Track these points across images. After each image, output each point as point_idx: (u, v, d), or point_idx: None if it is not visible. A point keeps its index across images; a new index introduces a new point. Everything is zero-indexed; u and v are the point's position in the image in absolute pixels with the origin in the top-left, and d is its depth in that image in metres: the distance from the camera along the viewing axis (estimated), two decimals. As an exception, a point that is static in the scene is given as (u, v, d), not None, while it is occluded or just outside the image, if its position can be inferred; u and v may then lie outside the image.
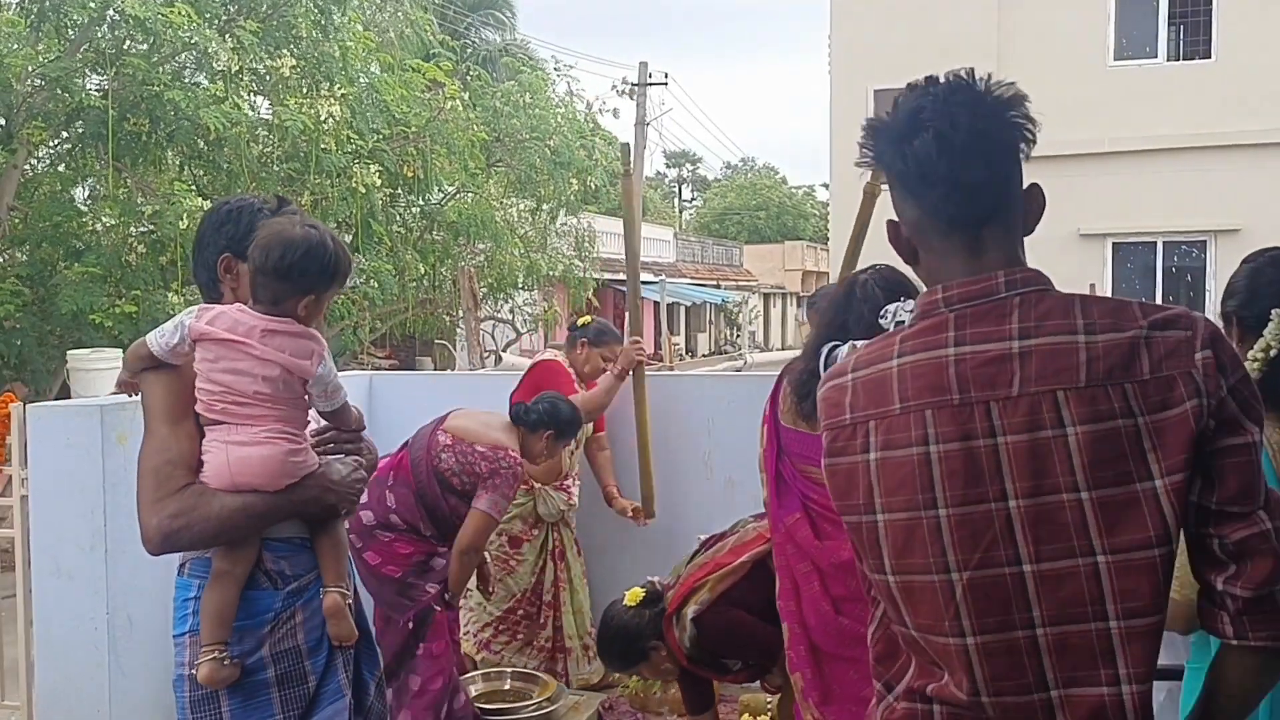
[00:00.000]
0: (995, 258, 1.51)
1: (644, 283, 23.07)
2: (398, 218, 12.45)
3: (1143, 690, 1.41)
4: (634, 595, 3.69)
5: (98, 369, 7.86)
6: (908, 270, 1.83)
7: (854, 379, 1.56)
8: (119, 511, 3.84)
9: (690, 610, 3.48)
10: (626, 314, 5.25)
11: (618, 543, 5.24)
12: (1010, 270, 1.49)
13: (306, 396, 2.25)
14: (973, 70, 1.53)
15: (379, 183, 10.46)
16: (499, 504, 3.89)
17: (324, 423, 2.42)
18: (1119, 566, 1.39)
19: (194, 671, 2.17)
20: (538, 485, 4.84)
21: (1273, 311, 2.05)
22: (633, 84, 25.82)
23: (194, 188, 9.74)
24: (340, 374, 2.38)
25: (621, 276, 23.27)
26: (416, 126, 11.44)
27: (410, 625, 3.97)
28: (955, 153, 1.47)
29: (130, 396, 2.36)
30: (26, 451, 4.00)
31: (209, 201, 9.13)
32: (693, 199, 65.14)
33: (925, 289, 1.59)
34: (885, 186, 1.58)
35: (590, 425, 5.02)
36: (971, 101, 1.50)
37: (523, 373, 5.12)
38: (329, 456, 2.33)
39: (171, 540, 2.14)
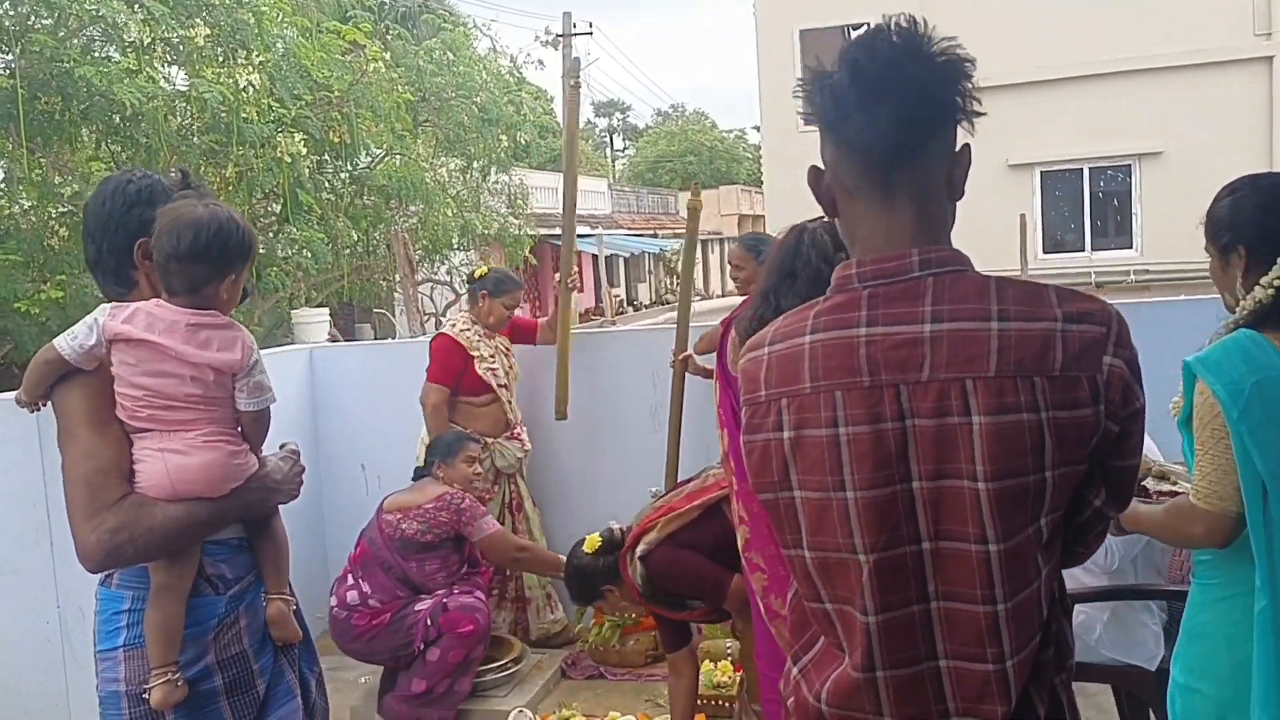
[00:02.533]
0: (907, 219, 1.48)
1: (580, 236, 22.96)
2: (326, 185, 12.22)
3: (1023, 659, 1.45)
4: (591, 542, 3.85)
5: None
6: None
7: (769, 353, 1.56)
8: (61, 504, 3.78)
9: (639, 549, 3.64)
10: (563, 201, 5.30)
11: (569, 493, 5.30)
12: (925, 249, 1.46)
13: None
14: (914, 17, 1.46)
15: (305, 151, 10.24)
16: (488, 521, 4.23)
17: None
18: (1009, 553, 1.42)
19: (132, 690, 2.08)
20: (490, 440, 4.88)
21: None
22: (557, 34, 25.46)
23: (113, 165, 9.46)
24: (280, 349, 2.32)
25: (559, 231, 23.15)
26: (339, 91, 11.19)
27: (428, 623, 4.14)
28: (868, 81, 1.44)
29: (34, 412, 2.17)
30: (-38, 449, 3.91)
31: (130, 179, 8.87)
32: (625, 148, 64.74)
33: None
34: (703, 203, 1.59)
35: (518, 369, 5.17)
36: (896, 39, 1.46)
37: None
38: (268, 455, 2.25)
39: (114, 556, 2.00)
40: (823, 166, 1.55)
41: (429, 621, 4.07)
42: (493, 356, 5.01)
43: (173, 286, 2.08)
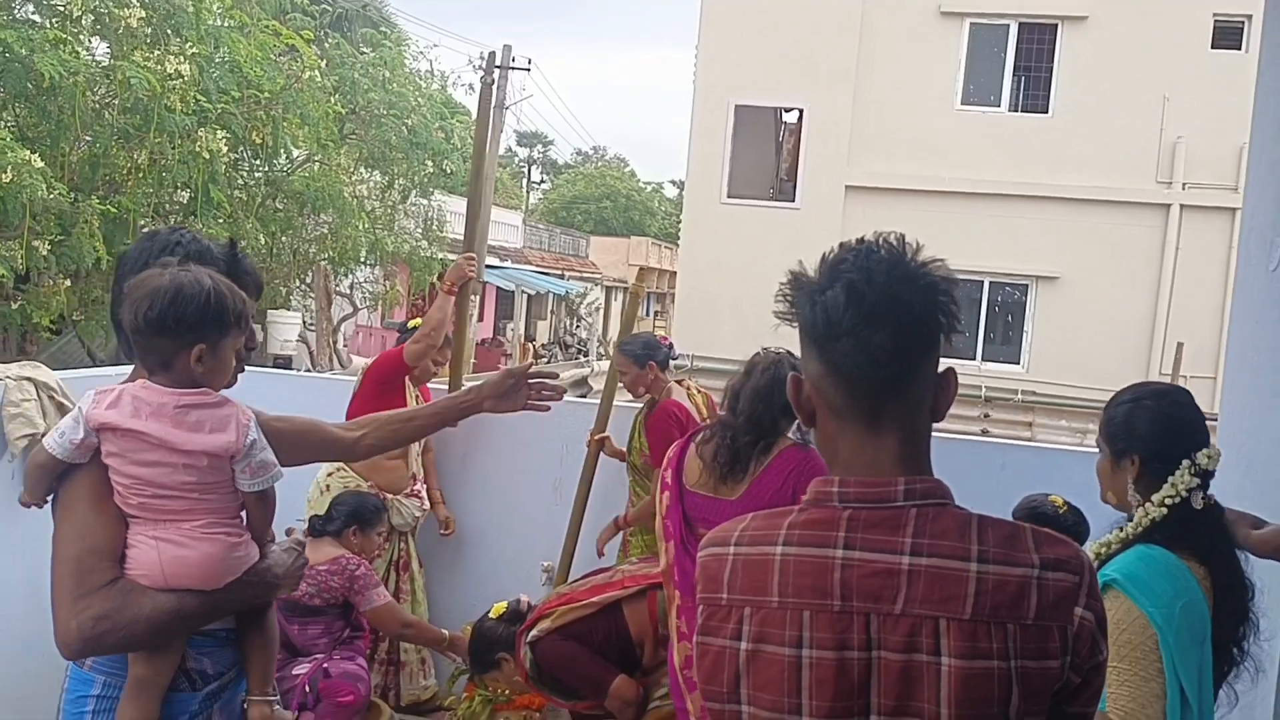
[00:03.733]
0: (892, 444, 1.46)
1: (489, 266, 22.80)
2: (240, 183, 11.92)
3: None
4: (498, 609, 3.90)
5: None
6: None
7: (734, 554, 1.50)
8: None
9: (532, 633, 3.63)
10: (464, 230, 5.24)
11: (459, 556, 5.18)
12: (911, 479, 1.45)
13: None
14: (903, 237, 1.47)
15: (224, 150, 9.96)
16: (379, 590, 4.08)
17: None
18: None
19: None
20: (389, 496, 4.73)
21: (1182, 461, 2.14)
22: (497, 66, 25.41)
23: (15, 132, 9.05)
24: None
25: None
26: (269, 92, 10.95)
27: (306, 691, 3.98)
28: (864, 306, 1.41)
29: (40, 508, 2.03)
30: None
31: (34, 154, 8.50)
32: (542, 180, 64.81)
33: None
34: (648, 289, 1.56)
35: None
36: (891, 262, 1.44)
37: (360, 374, 5.01)
38: (271, 547, 2.11)
39: (94, 645, 1.88)
40: (802, 375, 1.51)
41: (307, 688, 3.90)
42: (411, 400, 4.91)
43: (147, 364, 1.95)
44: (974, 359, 16.99)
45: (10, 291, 9.61)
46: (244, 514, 2.04)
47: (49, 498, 1.99)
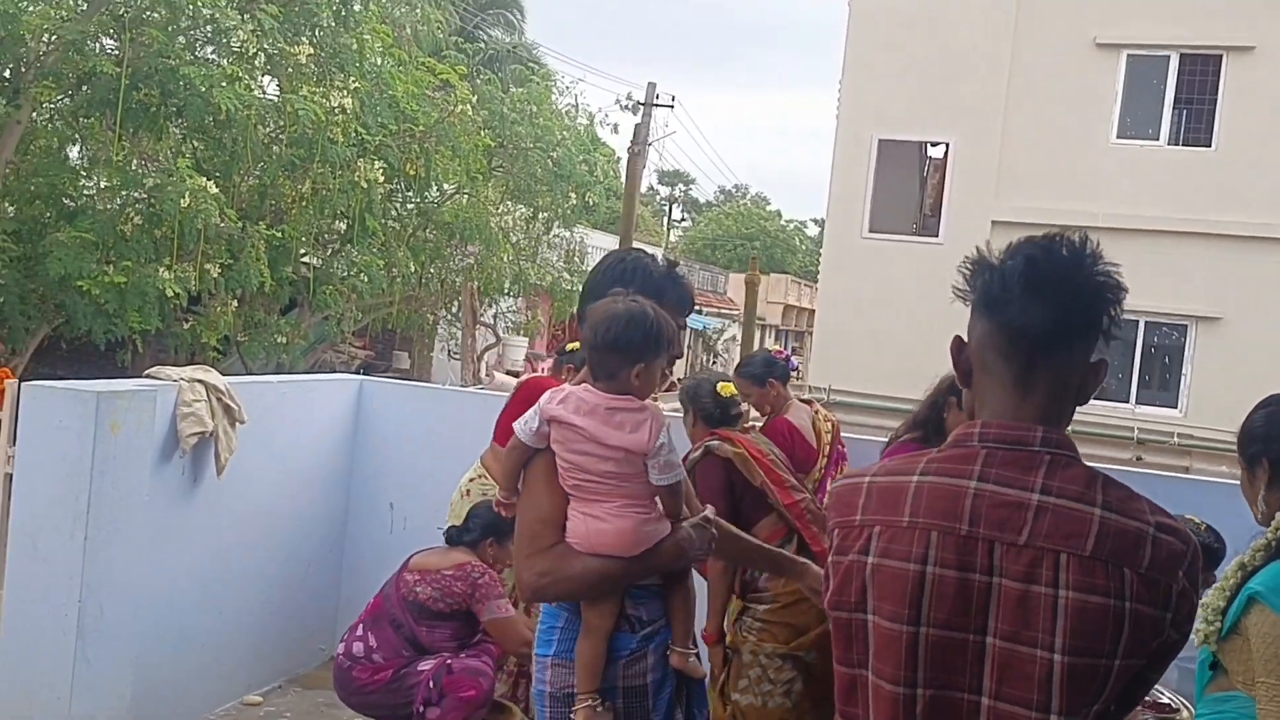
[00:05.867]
0: (1038, 402, 1.59)
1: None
2: (394, 213, 12.42)
3: None
4: (726, 388, 3.95)
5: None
6: None
7: (870, 482, 1.66)
8: (104, 500, 3.81)
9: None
10: None
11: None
12: (1050, 429, 1.58)
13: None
14: (1088, 237, 1.62)
15: (381, 179, 10.42)
16: (501, 603, 4.06)
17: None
18: None
19: (554, 692, 2.42)
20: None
21: None
22: (638, 101, 25.87)
23: (193, 163, 9.67)
24: (330, 375, 2.47)
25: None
26: (424, 125, 11.41)
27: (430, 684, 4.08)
28: (1040, 275, 1.58)
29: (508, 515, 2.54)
30: (16, 429, 3.96)
31: (210, 180, 9.08)
32: (682, 219, 65.26)
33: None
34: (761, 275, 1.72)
35: None
36: (1072, 252, 1.60)
37: (511, 391, 5.15)
38: (683, 524, 2.46)
39: (539, 594, 2.41)
40: (965, 339, 1.67)
41: (431, 683, 3.99)
42: None
43: (596, 373, 2.39)
44: (1128, 401, 16.33)
45: (182, 313, 10.23)
46: (658, 500, 2.43)
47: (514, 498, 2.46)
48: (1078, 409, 1.64)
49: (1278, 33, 15.61)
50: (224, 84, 8.98)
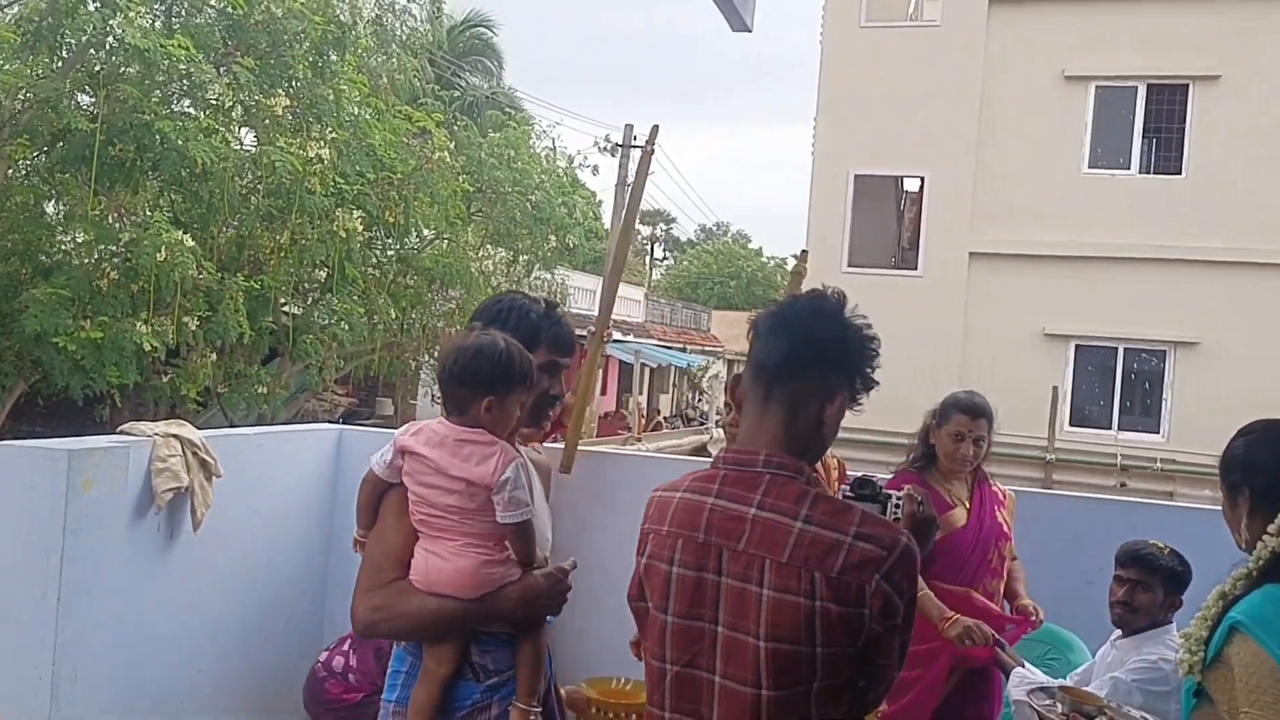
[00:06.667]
0: (772, 427, 1.93)
1: (614, 341, 23.10)
2: (374, 260, 12.43)
3: None
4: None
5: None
6: None
7: (657, 496, 2.04)
8: (77, 560, 3.75)
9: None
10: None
11: (579, 614, 5.20)
12: (773, 453, 1.91)
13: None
14: (844, 294, 1.99)
15: (360, 228, 10.44)
16: None
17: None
18: (776, 700, 1.82)
19: None
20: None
21: None
22: (616, 144, 26.03)
23: (170, 216, 9.67)
24: (309, 425, 2.46)
25: (592, 329, 23.25)
26: (402, 173, 11.46)
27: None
28: (779, 320, 1.97)
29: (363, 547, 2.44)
30: (-14, 489, 3.91)
31: (187, 233, 9.08)
32: (664, 258, 65.51)
33: None
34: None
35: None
36: (817, 302, 1.96)
37: None
38: (535, 572, 2.39)
39: (371, 629, 2.34)
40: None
41: None
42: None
43: (447, 407, 2.34)
44: (1110, 428, 16.38)
45: (161, 366, 10.18)
46: (509, 544, 2.37)
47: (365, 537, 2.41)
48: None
49: (1242, 62, 15.87)
50: (200, 137, 9.01)
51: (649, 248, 64.73)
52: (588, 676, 4.80)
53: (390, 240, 12.47)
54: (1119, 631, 3.35)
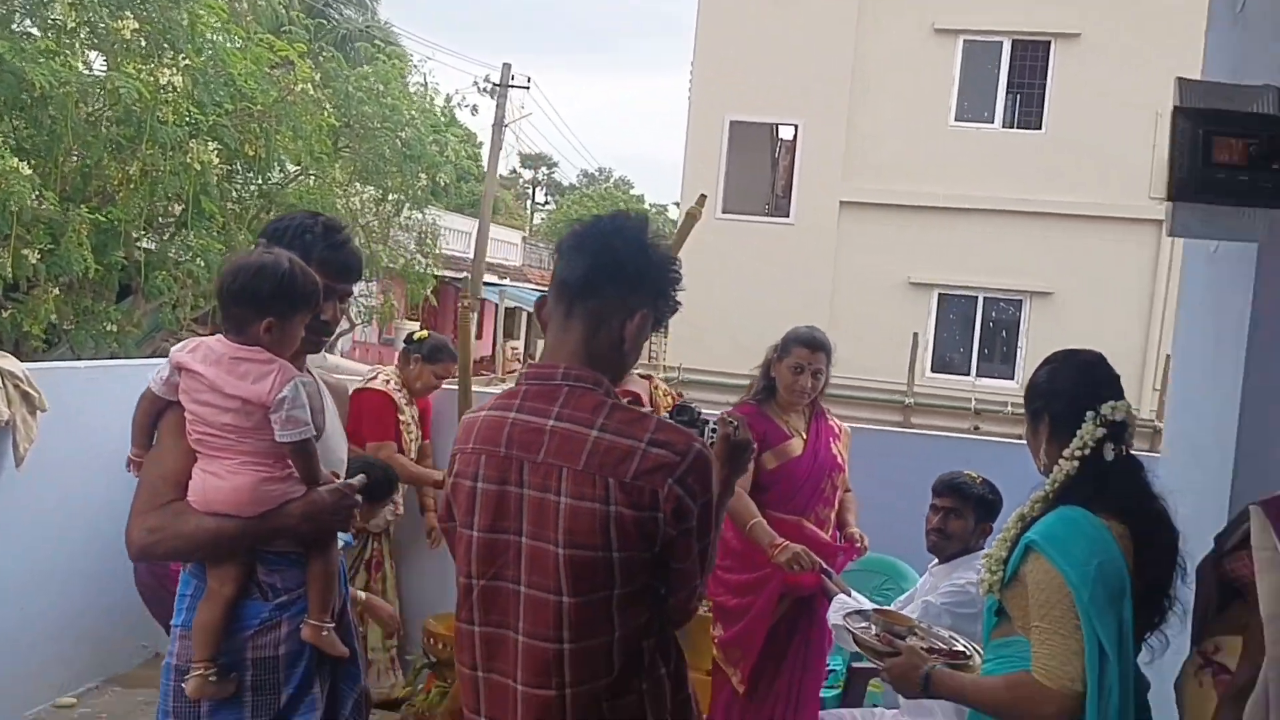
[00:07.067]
0: (573, 342, 1.96)
1: (486, 284, 22.89)
2: (234, 195, 11.95)
3: (579, 693, 1.87)
4: None
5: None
6: None
7: (466, 418, 2.07)
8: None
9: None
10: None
11: (425, 555, 5.20)
12: (571, 366, 1.94)
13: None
14: (645, 216, 2.04)
15: (216, 161, 10.02)
16: None
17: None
18: (578, 606, 1.86)
19: (179, 665, 2.29)
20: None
21: (1086, 413, 2.21)
22: (494, 84, 25.57)
23: (13, 144, 9.12)
24: (145, 360, 2.38)
25: (463, 275, 22.98)
26: (263, 104, 11.01)
27: None
28: (580, 238, 2.00)
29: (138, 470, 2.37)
30: None
31: (29, 161, 8.58)
32: (546, 202, 64.90)
33: None
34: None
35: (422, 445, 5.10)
36: (628, 228, 1.98)
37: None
38: (324, 486, 2.35)
39: (147, 552, 2.27)
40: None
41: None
42: (409, 423, 4.96)
43: (226, 326, 2.30)
44: (968, 374, 16.99)
45: (2, 300, 9.66)
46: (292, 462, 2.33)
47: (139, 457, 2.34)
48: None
49: (1102, 21, 16.41)
50: (39, 59, 8.48)
51: (530, 191, 64.03)
52: (434, 613, 4.82)
53: (251, 175, 12.01)
54: (936, 559, 3.50)
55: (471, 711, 2.00)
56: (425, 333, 5.21)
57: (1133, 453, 2.29)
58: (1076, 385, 2.28)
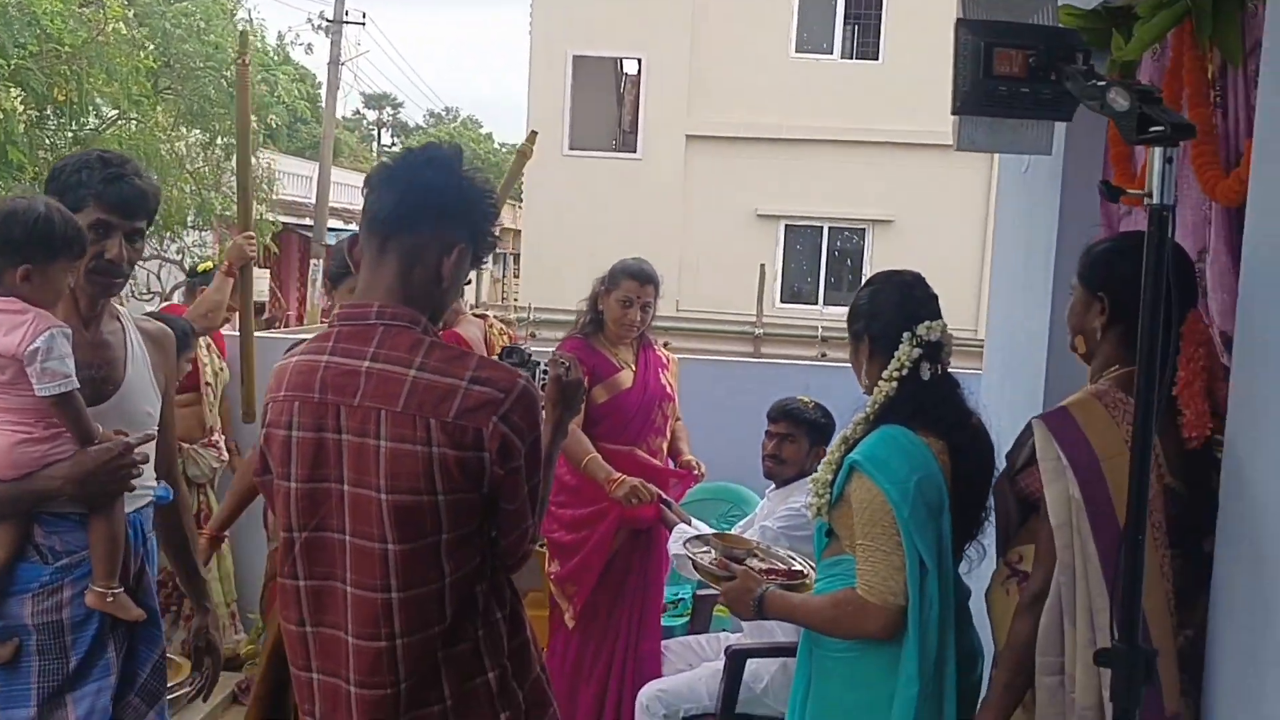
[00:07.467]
0: (387, 278, 1.86)
1: (332, 229, 22.19)
2: (46, 143, 11.21)
3: (412, 642, 1.81)
4: None
5: None
6: None
7: (278, 365, 1.96)
8: None
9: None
10: (236, 212, 4.96)
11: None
12: (386, 305, 1.84)
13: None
14: (459, 148, 1.96)
15: (20, 108, 9.36)
16: None
17: None
18: (404, 554, 1.78)
19: None
20: (185, 445, 4.56)
21: (904, 334, 2.24)
22: (328, 20, 24.57)
23: None
24: None
25: (306, 221, 22.23)
26: (71, 45, 10.31)
27: None
28: (390, 172, 1.90)
29: None
30: None
31: None
32: (392, 144, 63.17)
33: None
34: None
35: (226, 372, 4.91)
36: (440, 159, 1.89)
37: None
38: (97, 446, 2.20)
39: None
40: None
41: None
42: (202, 350, 4.74)
43: None
44: (816, 303, 17.39)
45: None
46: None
47: None
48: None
49: (932, -49, 16.74)
50: None
51: (375, 133, 62.18)
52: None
53: (64, 121, 11.28)
54: (773, 484, 3.57)
55: (301, 669, 1.92)
56: (209, 264, 5.03)
57: (949, 371, 2.34)
58: (894, 307, 2.32)
